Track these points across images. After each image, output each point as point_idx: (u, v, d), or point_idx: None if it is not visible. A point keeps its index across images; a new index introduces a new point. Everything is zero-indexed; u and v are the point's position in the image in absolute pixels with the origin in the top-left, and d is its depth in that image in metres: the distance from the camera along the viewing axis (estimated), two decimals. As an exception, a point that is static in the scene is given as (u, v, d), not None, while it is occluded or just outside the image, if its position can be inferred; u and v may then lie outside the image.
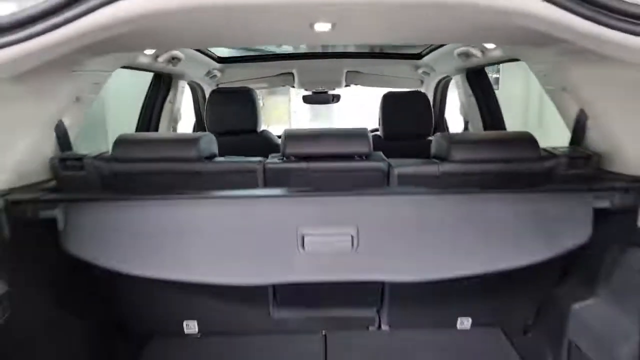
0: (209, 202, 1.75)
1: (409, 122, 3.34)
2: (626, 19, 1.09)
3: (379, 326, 2.34)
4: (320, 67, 4.17)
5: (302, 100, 4.91)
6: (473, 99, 3.57)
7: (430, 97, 4.34)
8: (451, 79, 4.06)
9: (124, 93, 4.46)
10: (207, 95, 4.09)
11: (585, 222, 1.67)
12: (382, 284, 2.25)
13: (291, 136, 2.01)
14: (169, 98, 3.55)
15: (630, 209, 1.67)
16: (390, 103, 3.57)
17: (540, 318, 2.19)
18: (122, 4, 1.06)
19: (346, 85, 4.73)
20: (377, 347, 2.19)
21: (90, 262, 1.67)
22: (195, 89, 4.14)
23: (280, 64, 4.15)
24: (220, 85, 4.18)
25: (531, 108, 8.42)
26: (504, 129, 3.49)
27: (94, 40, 1.24)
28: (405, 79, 4.37)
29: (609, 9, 1.09)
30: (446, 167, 1.91)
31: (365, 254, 1.63)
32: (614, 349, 1.64)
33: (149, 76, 3.50)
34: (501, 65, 10.27)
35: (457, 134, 2.08)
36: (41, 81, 1.66)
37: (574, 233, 1.67)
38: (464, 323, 2.32)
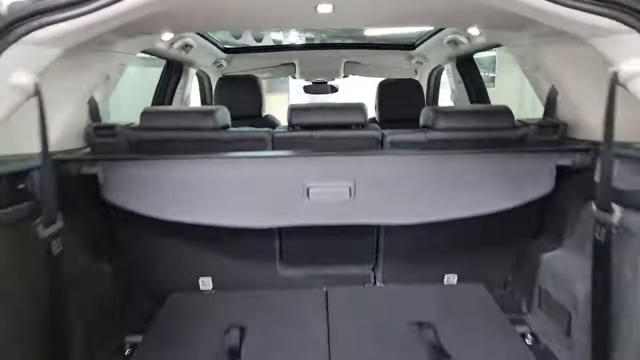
0: (227, 160, 2.02)
1: (402, 107, 3.61)
2: None
3: (374, 282, 2.60)
4: (320, 58, 4.43)
5: (303, 90, 5.18)
6: (462, 85, 3.84)
7: (425, 86, 4.61)
8: (443, 68, 4.33)
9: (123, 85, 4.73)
10: (213, 84, 4.36)
11: (549, 177, 1.94)
12: (376, 244, 2.52)
13: (296, 109, 2.28)
14: (180, 84, 3.82)
15: (589, 167, 1.94)
16: (385, 90, 3.84)
17: (517, 272, 2.46)
18: None
19: (345, 76, 4.99)
20: (373, 300, 2.45)
21: (126, 209, 1.93)
22: (202, 77, 4.40)
23: (283, 55, 4.41)
24: (226, 74, 4.43)
25: (524, 103, 8.73)
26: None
27: (127, 21, 1.49)
28: (400, 69, 4.63)
29: None
30: (432, 134, 2.19)
31: (361, 202, 1.90)
32: (572, 287, 1.91)
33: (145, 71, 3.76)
34: (497, 64, 10.72)
35: (442, 107, 2.34)
36: (80, 60, 1.91)
37: (539, 186, 1.94)
38: (450, 279, 2.59)
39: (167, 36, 2.77)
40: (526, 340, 2.14)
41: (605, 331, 1.79)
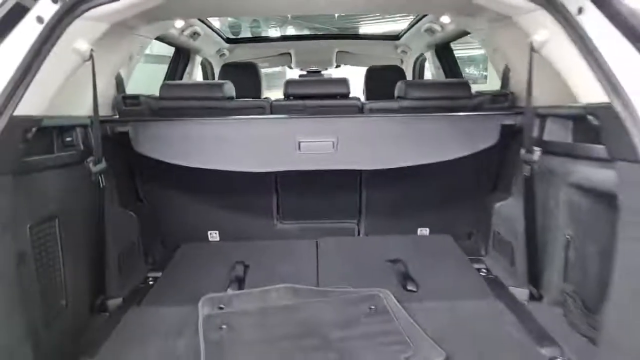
0: (232, 121, 2.46)
1: (387, 90, 4.05)
2: None
3: (359, 234, 3.04)
4: (314, 48, 4.87)
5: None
6: (441, 71, 4.28)
7: (410, 73, 5.05)
8: (425, 57, 4.78)
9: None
10: (215, 72, 4.80)
11: (494, 133, 2.37)
12: (359, 201, 2.95)
13: (292, 82, 2.72)
14: (187, 70, 4.25)
15: (528, 127, 2.38)
16: (371, 75, 4.28)
17: (479, 224, 2.89)
18: None
19: (337, 65, 5.43)
20: (356, 247, 2.88)
21: (151, 157, 2.36)
22: (206, 66, 4.83)
23: (280, 45, 4.85)
24: (227, 63, 4.86)
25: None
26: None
27: (152, 6, 1.91)
28: (387, 58, 5.07)
29: None
30: (404, 103, 2.63)
31: (342, 153, 2.33)
32: (514, 225, 2.34)
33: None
34: (489, 64, 11.19)
35: (413, 80, 2.77)
36: (110, 41, 2.32)
37: (486, 139, 2.37)
38: (423, 232, 3.03)
39: (179, 23, 3.20)
40: (481, 273, 2.57)
41: (535, 254, 2.24)
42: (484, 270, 2.61)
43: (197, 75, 4.68)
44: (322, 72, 5.52)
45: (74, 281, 1.99)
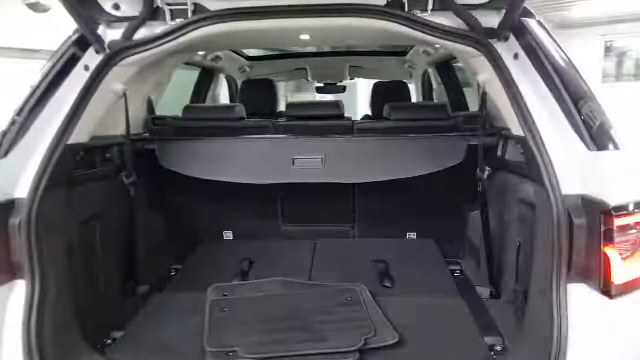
0: (240, 140, 2.94)
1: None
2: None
3: (353, 236, 3.46)
4: (328, 63, 5.29)
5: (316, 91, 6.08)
6: (442, 86, 4.63)
7: (420, 87, 5.42)
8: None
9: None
10: (239, 86, 5.30)
11: (460, 152, 2.74)
12: (353, 208, 3.37)
13: (292, 105, 3.17)
14: (211, 87, 4.77)
15: (494, 146, 2.74)
16: (377, 90, 4.67)
17: (458, 231, 3.25)
18: (196, 32, 2.20)
19: (351, 78, 5.85)
20: (348, 248, 3.30)
21: (174, 171, 2.85)
22: (231, 81, 5.34)
23: (296, 61, 5.30)
24: (250, 78, 5.36)
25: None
26: (467, 108, 4.53)
27: (186, 45, 2.38)
28: (397, 72, 5.44)
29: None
30: (389, 123, 3.03)
31: (329, 168, 2.77)
32: (480, 235, 2.70)
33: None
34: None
35: (399, 104, 3.17)
36: (142, 74, 2.82)
37: (452, 158, 2.75)
38: (410, 236, 3.42)
39: (202, 52, 3.70)
40: (455, 274, 2.94)
41: (495, 258, 2.61)
42: (458, 272, 2.98)
43: (223, 91, 5.19)
44: (338, 84, 5.96)
45: (109, 270, 2.50)
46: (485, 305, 2.52)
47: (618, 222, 1.59)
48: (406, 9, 2.15)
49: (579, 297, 1.69)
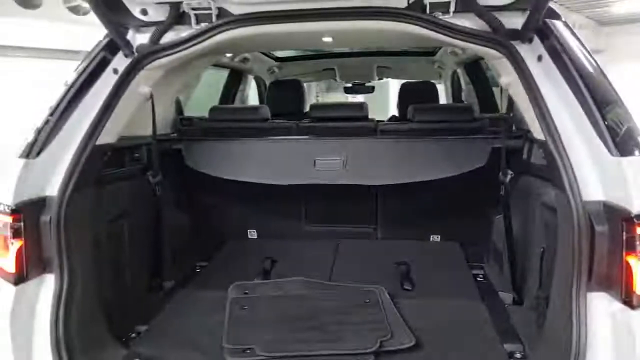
0: (263, 141, 2.98)
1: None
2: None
3: (376, 238, 3.45)
4: (355, 63, 5.28)
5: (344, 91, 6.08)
6: (471, 86, 4.56)
7: (449, 88, 5.35)
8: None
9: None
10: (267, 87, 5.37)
11: (483, 154, 2.70)
12: (375, 209, 3.37)
13: (315, 106, 3.19)
14: (240, 88, 4.84)
15: (519, 149, 2.68)
16: (405, 90, 4.64)
17: (484, 234, 3.20)
18: (220, 35, 2.25)
19: (379, 78, 5.82)
20: (371, 249, 3.30)
21: (199, 170, 2.93)
22: (260, 81, 5.41)
23: (324, 62, 5.31)
24: (278, 79, 5.41)
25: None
26: (497, 109, 4.45)
27: (211, 49, 2.44)
28: (425, 73, 5.38)
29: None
30: (412, 125, 3.01)
31: (350, 169, 2.78)
32: (506, 239, 2.65)
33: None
34: None
35: (423, 105, 3.14)
36: (171, 75, 2.89)
37: (475, 160, 2.71)
38: (434, 238, 3.39)
39: (229, 54, 3.77)
40: (477, 279, 2.90)
41: (519, 263, 2.56)
42: (481, 276, 2.94)
43: (251, 92, 5.27)
44: (366, 84, 5.95)
45: (136, 266, 2.59)
46: (507, 311, 2.48)
47: (641, 230, 1.54)
48: (427, 11, 2.14)
49: (600, 306, 1.65)
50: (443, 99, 5.42)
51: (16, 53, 8.40)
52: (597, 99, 1.77)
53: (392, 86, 11.04)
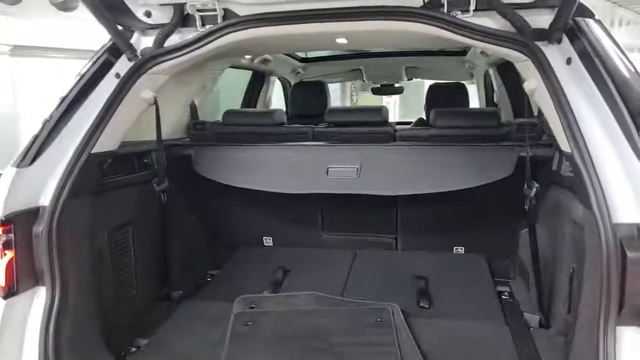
0: (274, 147, 2.86)
1: (448, 107, 4.18)
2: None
3: (396, 248, 3.28)
4: (383, 64, 5.09)
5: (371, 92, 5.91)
6: (503, 88, 4.29)
7: (482, 89, 5.08)
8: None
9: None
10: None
11: (509, 164, 2.49)
12: (396, 218, 3.19)
13: (332, 110, 3.04)
14: (262, 89, 4.75)
15: (548, 159, 2.46)
16: (433, 93, 4.43)
17: (511, 247, 2.98)
18: (226, 37, 2.15)
19: (409, 79, 5.61)
20: (390, 260, 3.13)
21: (209, 178, 2.84)
22: (285, 83, 5.31)
23: (351, 62, 5.15)
24: (303, 80, 5.28)
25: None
26: (531, 114, 4.17)
27: (217, 52, 2.34)
28: (456, 73, 5.14)
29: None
30: (433, 131, 2.82)
31: (364, 178, 2.61)
32: (531, 256, 2.43)
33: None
34: None
35: (445, 109, 2.94)
36: (185, 77, 2.82)
37: (501, 170, 2.49)
38: (458, 250, 3.18)
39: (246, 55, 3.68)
40: (502, 297, 2.69)
41: (545, 282, 2.34)
42: (507, 294, 2.72)
43: (275, 93, 5.17)
44: (395, 85, 5.75)
45: (143, 274, 2.52)
46: (531, 335, 2.27)
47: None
48: (445, 10, 1.96)
49: (631, 342, 1.45)
50: (476, 102, 5.16)
51: (55, 54, 8.68)
52: (631, 107, 1.56)
53: (427, 86, 10.75)
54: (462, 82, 4.65)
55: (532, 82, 1.93)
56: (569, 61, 1.81)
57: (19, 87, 8.58)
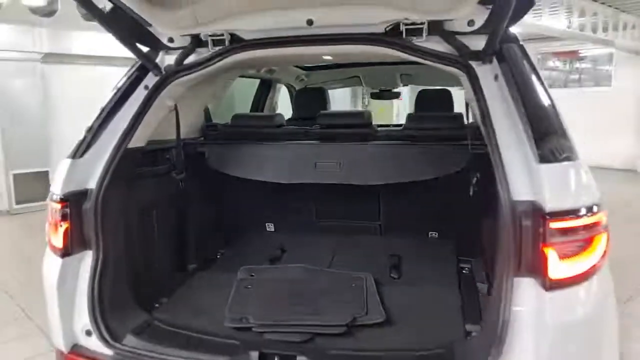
0: (274, 145, 3.43)
1: (434, 112, 4.70)
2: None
3: (380, 234, 3.80)
4: (379, 72, 5.60)
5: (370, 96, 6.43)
6: None
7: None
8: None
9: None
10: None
11: (461, 160, 3.00)
12: (379, 207, 3.72)
13: (322, 114, 3.59)
14: (269, 95, 5.33)
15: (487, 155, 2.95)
16: (422, 97, 4.94)
17: (474, 232, 3.46)
18: (233, 57, 2.70)
19: (404, 85, 6.12)
20: (372, 243, 3.67)
21: (223, 172, 3.41)
22: (290, 89, 5.87)
23: (350, 70, 5.68)
24: (307, 86, 5.83)
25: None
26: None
27: (225, 67, 2.90)
28: (446, 80, 5.60)
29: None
30: (406, 131, 3.35)
31: (345, 171, 3.17)
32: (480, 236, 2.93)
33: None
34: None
35: (418, 113, 3.45)
36: (200, 87, 3.38)
37: (454, 165, 3.01)
38: (432, 235, 3.70)
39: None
40: (463, 272, 3.19)
41: (483, 251, 2.84)
42: (467, 269, 3.23)
43: (282, 98, 5.74)
44: (392, 90, 6.26)
45: (164, 249, 3.10)
46: (478, 300, 2.77)
47: (553, 225, 1.84)
48: (403, 36, 2.49)
49: (524, 289, 1.94)
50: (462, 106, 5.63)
51: (83, 61, 9.43)
52: (531, 114, 2.06)
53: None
54: (449, 88, 5.14)
55: (468, 93, 2.45)
56: (496, 77, 2.32)
57: (49, 92, 9.33)
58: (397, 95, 6.24)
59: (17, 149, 8.70)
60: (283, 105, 5.95)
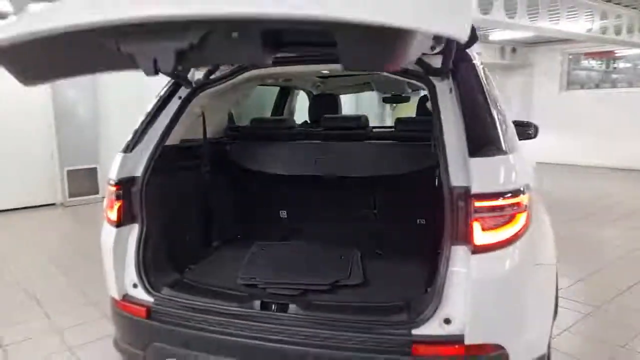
0: (283, 144, 4.12)
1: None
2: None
3: (375, 220, 4.43)
4: (386, 79, 6.18)
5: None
6: None
7: None
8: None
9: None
10: (312, 99, 6.50)
11: (434, 156, 3.59)
12: (374, 199, 4.36)
13: (325, 118, 4.25)
14: (287, 100, 6.03)
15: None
16: (423, 101, 5.53)
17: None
18: (246, 73, 3.40)
19: (412, 90, 6.70)
20: (367, 228, 4.30)
21: (244, 166, 4.13)
22: (308, 94, 6.56)
23: (361, 77, 6.31)
24: (323, 92, 6.48)
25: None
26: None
27: (243, 79, 3.59)
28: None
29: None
30: (395, 132, 3.97)
31: (339, 166, 3.82)
32: None
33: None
34: None
35: (404, 117, 4.08)
36: (224, 96, 4.06)
37: (428, 160, 3.60)
38: (421, 222, 4.30)
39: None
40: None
41: None
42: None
43: (301, 102, 6.43)
44: (403, 95, 6.85)
45: (192, 230, 3.83)
46: None
47: (477, 204, 2.44)
48: None
49: (458, 253, 2.54)
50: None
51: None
52: (469, 120, 2.66)
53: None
54: None
55: (430, 103, 3.06)
56: (450, 91, 2.92)
57: (98, 94, 10.33)
58: (407, 99, 6.82)
59: (70, 148, 9.77)
60: (302, 108, 6.65)
